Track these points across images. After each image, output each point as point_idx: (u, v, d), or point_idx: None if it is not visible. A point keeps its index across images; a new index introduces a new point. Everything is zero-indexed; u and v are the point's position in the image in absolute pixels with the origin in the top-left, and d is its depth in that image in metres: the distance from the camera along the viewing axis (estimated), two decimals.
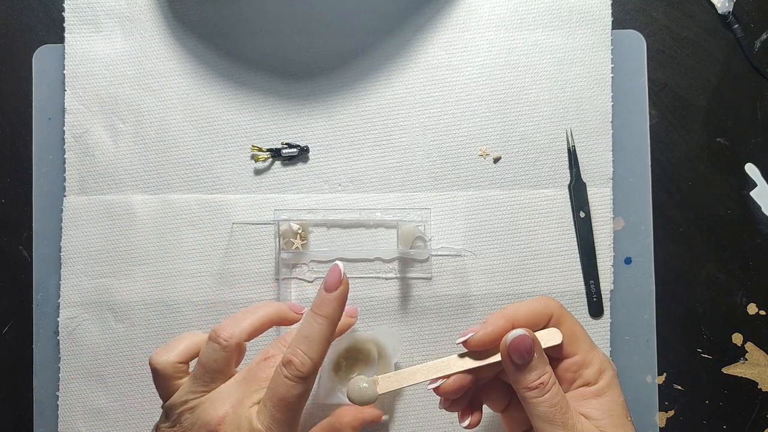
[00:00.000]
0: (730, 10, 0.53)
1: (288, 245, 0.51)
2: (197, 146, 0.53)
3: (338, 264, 0.40)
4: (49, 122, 0.53)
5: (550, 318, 0.40)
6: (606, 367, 0.40)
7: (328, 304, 0.40)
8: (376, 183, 0.53)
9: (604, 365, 0.40)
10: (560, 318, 0.40)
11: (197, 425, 0.39)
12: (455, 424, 0.51)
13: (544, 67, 0.53)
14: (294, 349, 0.38)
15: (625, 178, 0.53)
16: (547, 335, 0.40)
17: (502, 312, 0.40)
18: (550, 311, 0.40)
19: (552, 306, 0.40)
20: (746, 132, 0.54)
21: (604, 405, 0.39)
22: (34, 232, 0.53)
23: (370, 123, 0.53)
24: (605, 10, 0.53)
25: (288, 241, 0.51)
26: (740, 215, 0.53)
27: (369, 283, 0.52)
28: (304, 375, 0.38)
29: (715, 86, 0.54)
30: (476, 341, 0.39)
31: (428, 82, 0.53)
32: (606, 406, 0.39)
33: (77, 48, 0.53)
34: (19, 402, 0.53)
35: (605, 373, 0.40)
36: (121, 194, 0.53)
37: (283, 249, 0.51)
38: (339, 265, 0.40)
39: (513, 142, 0.53)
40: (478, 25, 0.53)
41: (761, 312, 0.53)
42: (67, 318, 0.52)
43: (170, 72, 0.53)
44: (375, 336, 0.49)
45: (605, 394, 0.39)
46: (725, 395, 0.53)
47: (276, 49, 0.53)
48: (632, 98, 0.53)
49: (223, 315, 0.52)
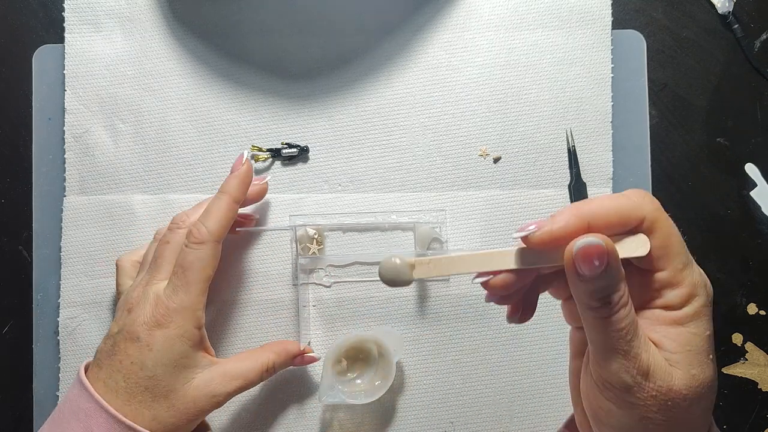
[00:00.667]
0: (730, 10, 0.53)
1: (305, 250, 0.51)
2: (197, 146, 0.53)
3: (244, 153, 0.48)
4: (49, 122, 0.53)
5: (641, 222, 0.31)
6: (698, 293, 0.32)
7: (230, 182, 0.46)
8: (376, 183, 0.53)
9: (697, 290, 0.32)
10: (654, 224, 0.31)
11: (121, 309, 0.44)
12: (455, 423, 0.51)
13: (544, 67, 0.53)
14: (194, 222, 0.44)
15: (625, 178, 0.53)
16: (629, 243, 0.31)
17: (577, 207, 0.31)
18: (640, 215, 0.31)
19: (645, 207, 0.31)
20: (746, 132, 0.54)
21: (683, 337, 0.31)
22: (34, 232, 0.53)
23: (370, 123, 0.53)
24: (605, 10, 0.53)
25: (305, 246, 0.51)
26: (740, 215, 0.53)
27: (365, 284, 0.52)
28: (199, 240, 0.43)
29: (715, 86, 0.54)
30: (538, 239, 0.31)
31: (428, 82, 0.53)
32: (685, 338, 0.31)
33: (77, 48, 0.53)
34: (19, 402, 0.53)
35: (695, 299, 0.31)
36: (121, 194, 0.53)
37: (300, 254, 0.51)
38: (244, 153, 0.47)
39: (513, 142, 0.53)
40: (478, 25, 0.53)
41: (761, 312, 0.53)
42: (67, 318, 0.52)
43: (170, 72, 0.53)
44: (376, 335, 0.49)
45: (688, 324, 0.31)
46: (725, 395, 0.53)
47: (276, 49, 0.53)
48: (632, 98, 0.53)
49: (223, 314, 0.52)
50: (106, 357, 0.42)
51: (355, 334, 0.49)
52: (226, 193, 0.45)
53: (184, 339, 0.42)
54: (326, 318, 0.52)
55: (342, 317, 0.52)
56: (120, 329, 0.42)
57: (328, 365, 0.49)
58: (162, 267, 0.44)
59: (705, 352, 0.31)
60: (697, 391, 0.31)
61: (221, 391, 0.43)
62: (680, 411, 0.31)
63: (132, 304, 0.43)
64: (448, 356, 0.52)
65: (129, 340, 0.41)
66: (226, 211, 0.44)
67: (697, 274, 0.32)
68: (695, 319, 0.31)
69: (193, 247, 0.43)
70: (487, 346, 0.52)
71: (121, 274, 0.48)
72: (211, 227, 0.43)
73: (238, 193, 0.45)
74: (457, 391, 0.51)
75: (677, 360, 0.31)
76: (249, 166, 0.47)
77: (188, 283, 0.42)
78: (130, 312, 0.42)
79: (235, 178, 0.46)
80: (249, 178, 0.46)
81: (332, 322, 0.52)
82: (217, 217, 0.44)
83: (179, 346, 0.42)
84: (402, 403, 0.52)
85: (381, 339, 0.49)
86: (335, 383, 0.49)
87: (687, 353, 0.31)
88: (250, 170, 0.47)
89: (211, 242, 0.43)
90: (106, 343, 0.43)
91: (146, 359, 0.41)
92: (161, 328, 0.41)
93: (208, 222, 0.44)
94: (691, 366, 0.31)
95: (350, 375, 0.50)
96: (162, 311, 0.42)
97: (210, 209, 0.44)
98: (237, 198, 0.45)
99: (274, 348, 0.48)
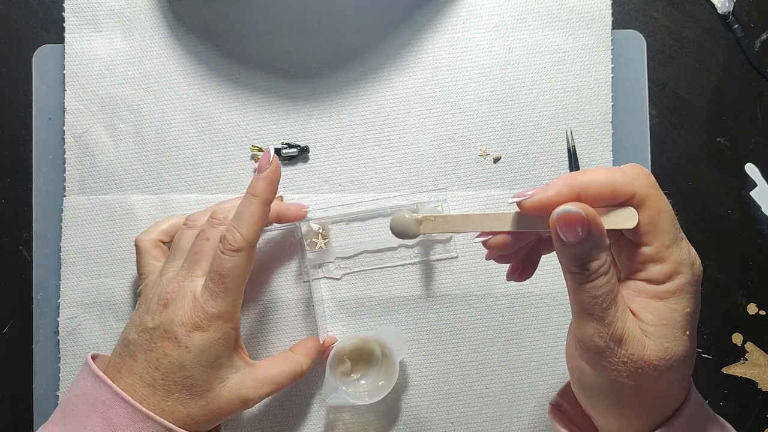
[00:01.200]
0: (730, 10, 0.53)
1: (312, 246, 0.52)
2: (197, 146, 0.53)
3: (269, 149, 0.44)
4: (49, 122, 0.53)
5: (631, 196, 0.32)
6: (682, 271, 0.33)
7: (258, 183, 0.43)
8: (376, 183, 0.53)
9: (681, 268, 0.33)
10: (644, 199, 0.32)
11: (155, 299, 0.43)
12: (455, 423, 0.51)
13: (544, 67, 0.53)
14: (228, 226, 0.43)
15: None
16: (617, 215, 0.33)
17: (570, 177, 0.33)
18: (631, 190, 0.32)
19: (637, 183, 0.32)
20: (746, 132, 0.54)
21: (661, 311, 0.33)
22: (34, 232, 0.53)
23: (370, 123, 0.53)
24: (605, 10, 0.53)
25: (311, 242, 0.52)
26: (740, 215, 0.53)
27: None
28: (235, 248, 0.42)
29: (715, 86, 0.54)
30: (529, 205, 0.33)
31: (428, 82, 0.53)
32: (663, 312, 0.33)
33: (77, 48, 0.53)
34: (19, 402, 0.53)
35: (678, 276, 0.33)
36: (121, 194, 0.53)
37: (307, 250, 0.52)
38: (270, 150, 0.44)
39: (513, 142, 0.53)
40: (478, 25, 0.53)
41: (761, 312, 0.53)
42: (67, 318, 0.52)
43: (170, 72, 0.53)
44: (378, 336, 0.49)
45: (668, 300, 0.33)
46: (725, 395, 0.53)
47: (276, 49, 0.53)
48: (632, 98, 0.53)
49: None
50: (143, 351, 0.41)
51: (358, 335, 0.49)
52: (256, 195, 0.43)
53: (221, 341, 0.42)
54: (337, 311, 0.52)
55: (353, 310, 0.52)
56: (157, 326, 0.41)
57: (332, 366, 0.49)
58: (200, 263, 0.43)
59: (681, 328, 0.33)
60: (668, 363, 0.32)
61: (253, 395, 0.43)
62: (650, 379, 0.33)
63: (168, 299, 0.42)
64: (448, 356, 0.52)
65: (167, 339, 0.41)
66: (259, 216, 0.43)
67: (685, 253, 0.33)
68: (676, 296, 0.33)
69: (229, 254, 0.42)
70: (487, 347, 0.52)
71: (143, 254, 0.47)
72: (246, 233, 0.42)
73: (268, 194, 0.44)
74: (458, 390, 0.52)
75: (652, 332, 0.32)
76: (277, 164, 0.44)
77: (226, 290, 0.41)
78: (167, 307, 0.42)
79: (264, 179, 0.43)
80: (277, 177, 0.44)
81: (343, 314, 0.52)
82: (250, 223, 0.43)
83: (217, 348, 0.42)
84: (403, 403, 0.52)
85: (384, 339, 0.49)
86: (339, 384, 0.49)
87: (663, 327, 0.32)
88: (278, 169, 0.44)
89: (246, 249, 0.42)
90: (141, 336, 0.42)
91: (185, 360, 0.41)
92: (200, 331, 0.41)
93: (242, 228, 0.42)
94: (665, 339, 0.32)
95: (354, 376, 0.50)
96: (201, 314, 0.41)
97: (242, 214, 0.43)
98: (268, 200, 0.44)
99: (303, 351, 0.48)
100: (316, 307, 0.51)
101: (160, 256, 0.47)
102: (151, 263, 0.47)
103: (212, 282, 0.42)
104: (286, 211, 0.50)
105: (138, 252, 0.48)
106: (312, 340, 0.50)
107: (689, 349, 0.33)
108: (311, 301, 0.52)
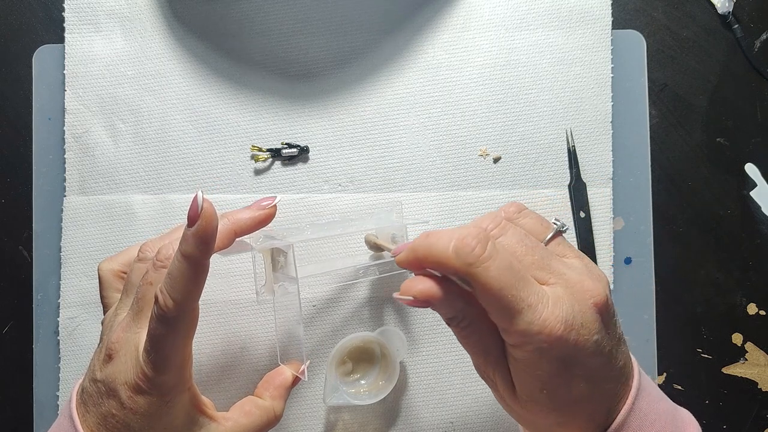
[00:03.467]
0: (730, 10, 0.53)
1: (275, 265, 0.45)
2: (197, 146, 0.53)
3: (197, 194, 0.34)
4: (49, 122, 0.53)
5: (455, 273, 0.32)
6: (529, 341, 0.32)
7: (188, 241, 0.34)
8: (376, 183, 0.53)
9: (527, 338, 0.32)
10: (468, 276, 0.32)
11: (103, 346, 0.38)
12: (455, 424, 0.51)
13: (544, 67, 0.53)
14: (161, 288, 0.35)
15: (625, 178, 0.53)
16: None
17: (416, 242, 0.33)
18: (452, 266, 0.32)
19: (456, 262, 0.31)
20: (746, 132, 0.54)
21: (518, 371, 0.34)
22: (34, 232, 0.53)
23: (370, 123, 0.53)
24: (605, 10, 0.53)
25: (275, 261, 0.45)
26: (740, 215, 0.53)
27: (366, 285, 0.52)
28: (166, 315, 0.34)
29: (715, 86, 0.54)
30: (397, 262, 0.35)
31: (428, 82, 0.53)
32: (518, 372, 0.34)
33: (77, 48, 0.53)
34: (19, 402, 0.53)
35: (525, 346, 0.32)
36: (121, 194, 0.53)
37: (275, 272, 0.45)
38: (198, 196, 0.34)
39: (513, 142, 0.53)
40: (478, 25, 0.53)
41: (761, 312, 0.53)
42: (67, 318, 0.52)
43: (170, 72, 0.53)
44: (379, 336, 0.49)
45: (520, 361, 0.33)
46: (725, 395, 0.53)
47: (276, 49, 0.53)
48: (632, 98, 0.53)
49: (224, 315, 0.52)
50: (93, 404, 0.37)
51: (359, 335, 0.49)
52: (186, 257, 0.35)
53: (171, 405, 0.36)
54: (324, 320, 0.52)
55: (336, 318, 0.52)
56: (102, 380, 0.37)
57: (332, 366, 0.49)
58: (144, 312, 0.37)
59: (537, 388, 0.33)
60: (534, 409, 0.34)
61: None
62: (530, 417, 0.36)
63: (112, 351, 0.37)
64: (448, 357, 0.52)
65: (112, 397, 0.36)
66: (194, 277, 0.35)
67: (528, 322, 0.31)
68: (524, 363, 0.33)
69: (160, 321, 0.35)
70: None
71: (103, 286, 0.42)
72: (180, 299, 0.35)
73: (200, 253, 0.35)
74: (458, 391, 0.51)
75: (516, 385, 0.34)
76: (208, 216, 0.34)
77: (166, 357, 0.35)
78: (111, 360, 0.37)
79: (193, 237, 0.34)
80: (210, 232, 0.34)
81: (331, 324, 0.52)
82: (182, 286, 0.35)
83: (167, 412, 0.36)
84: (403, 404, 0.52)
85: (384, 339, 0.49)
86: (339, 384, 0.49)
87: (520, 384, 0.34)
88: (210, 222, 0.34)
89: (182, 315, 0.35)
90: (91, 385, 0.37)
91: (132, 423, 0.36)
92: (144, 395, 0.36)
93: (175, 293, 0.35)
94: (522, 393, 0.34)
95: (354, 376, 0.50)
96: (142, 377, 0.35)
97: (173, 275, 0.35)
98: (201, 260, 0.35)
99: (272, 392, 0.43)
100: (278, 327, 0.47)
101: (121, 287, 0.42)
102: (113, 295, 0.42)
103: (149, 346, 0.35)
104: (242, 227, 0.41)
105: (99, 282, 0.43)
106: (278, 375, 0.44)
107: (549, 405, 0.34)
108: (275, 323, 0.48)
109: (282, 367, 0.45)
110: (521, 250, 0.34)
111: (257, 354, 0.51)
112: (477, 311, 0.33)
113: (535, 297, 0.32)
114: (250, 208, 0.42)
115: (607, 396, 0.34)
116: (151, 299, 0.36)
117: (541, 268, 0.34)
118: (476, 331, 0.34)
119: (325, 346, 0.52)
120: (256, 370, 0.51)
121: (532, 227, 0.37)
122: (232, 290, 0.52)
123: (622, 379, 0.35)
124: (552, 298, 0.32)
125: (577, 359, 0.32)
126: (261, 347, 0.51)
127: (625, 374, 0.35)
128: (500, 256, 0.32)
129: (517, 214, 0.37)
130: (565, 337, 0.31)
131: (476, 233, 0.32)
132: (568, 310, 0.32)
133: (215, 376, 0.51)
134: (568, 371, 0.33)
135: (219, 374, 0.51)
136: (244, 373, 0.51)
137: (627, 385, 0.35)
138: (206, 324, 0.51)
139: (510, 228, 0.34)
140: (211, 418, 0.39)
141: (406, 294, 0.33)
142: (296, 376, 0.44)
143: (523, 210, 0.37)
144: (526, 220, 0.37)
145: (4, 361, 0.53)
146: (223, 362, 0.51)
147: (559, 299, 0.32)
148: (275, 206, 0.42)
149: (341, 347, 0.49)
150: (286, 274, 0.44)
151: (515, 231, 0.34)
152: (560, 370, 0.33)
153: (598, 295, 0.33)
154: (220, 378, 0.51)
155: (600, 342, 0.33)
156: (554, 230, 0.37)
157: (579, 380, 0.33)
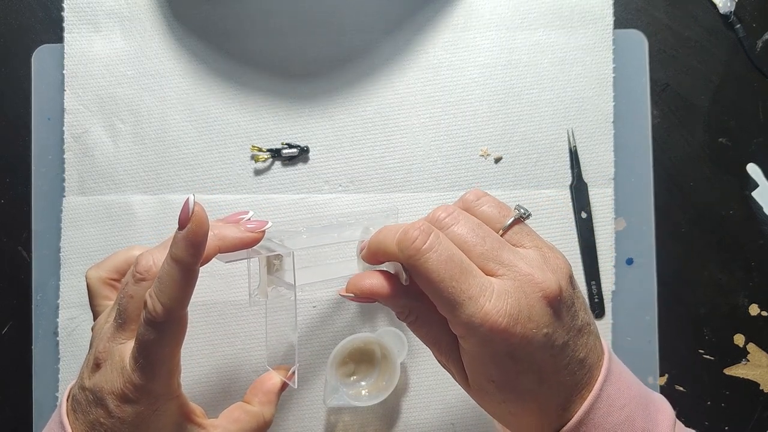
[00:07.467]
0: (731, 10, 0.53)
1: (271, 267, 0.45)
2: (197, 146, 0.53)
3: (189, 198, 0.34)
4: (49, 122, 0.53)
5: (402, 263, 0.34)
6: (469, 333, 0.32)
7: (178, 245, 0.34)
8: (376, 183, 0.53)
9: (468, 330, 0.32)
10: (411, 268, 0.33)
11: (92, 354, 0.37)
12: (456, 425, 0.51)
13: (545, 67, 0.53)
14: (150, 293, 0.35)
15: (626, 178, 0.52)
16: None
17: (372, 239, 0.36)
18: (397, 259, 0.34)
19: (401, 255, 0.33)
20: (748, 132, 0.53)
21: (467, 360, 0.34)
22: (34, 233, 0.53)
23: (371, 123, 0.53)
24: (607, 10, 0.53)
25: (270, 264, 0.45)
26: (742, 216, 0.53)
27: None
28: (155, 320, 0.34)
29: (716, 86, 0.54)
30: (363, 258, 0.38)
31: (429, 82, 0.53)
32: (467, 361, 0.34)
33: (76, 48, 0.53)
34: (19, 402, 0.53)
35: (467, 338, 0.33)
36: (121, 194, 0.53)
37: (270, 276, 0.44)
38: (189, 199, 0.34)
39: (514, 142, 0.52)
40: (479, 24, 0.53)
41: (763, 313, 0.53)
42: (67, 319, 0.52)
43: (170, 72, 0.53)
44: (379, 337, 0.49)
45: (466, 352, 0.34)
46: (727, 396, 0.52)
47: (276, 49, 0.53)
48: (634, 98, 0.53)
49: (225, 315, 0.52)
50: (82, 411, 0.36)
51: (359, 336, 0.49)
52: (176, 261, 0.34)
53: (159, 414, 0.36)
54: (324, 321, 0.52)
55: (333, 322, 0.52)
56: (90, 388, 0.36)
57: (332, 368, 0.48)
58: (127, 323, 0.36)
59: (484, 377, 0.34)
60: (485, 398, 0.35)
61: None
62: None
63: (99, 360, 0.36)
64: None
65: (100, 406, 0.36)
66: (183, 281, 0.34)
67: (469, 314, 0.32)
68: (473, 354, 0.33)
69: (149, 326, 0.35)
70: None
71: (92, 295, 0.42)
72: (169, 304, 0.34)
73: (190, 258, 0.34)
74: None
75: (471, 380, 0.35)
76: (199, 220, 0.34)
77: (153, 363, 0.35)
78: (99, 369, 0.36)
79: (183, 240, 0.34)
80: (200, 236, 0.34)
81: (331, 325, 0.52)
82: (172, 291, 0.34)
83: (156, 421, 0.36)
84: (403, 405, 0.51)
85: (384, 340, 0.49)
86: (340, 386, 0.48)
87: (470, 372, 0.34)
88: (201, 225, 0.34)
89: (171, 320, 0.35)
90: (80, 393, 0.37)
91: (120, 431, 0.36)
92: (131, 404, 0.35)
93: (164, 297, 0.34)
94: (474, 381, 0.35)
95: (354, 377, 0.50)
96: (129, 386, 0.35)
97: (163, 280, 0.34)
98: (191, 264, 0.34)
99: (261, 398, 0.43)
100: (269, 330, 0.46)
101: (111, 295, 0.41)
102: (102, 303, 0.41)
103: (137, 352, 0.35)
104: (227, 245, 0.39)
105: (87, 290, 0.42)
106: (267, 380, 0.43)
107: (498, 396, 0.34)
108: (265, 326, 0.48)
109: (271, 372, 0.44)
110: (471, 240, 0.33)
111: (248, 358, 0.51)
112: (427, 303, 0.34)
113: (478, 289, 0.32)
114: (237, 226, 0.40)
115: (562, 387, 0.34)
116: (132, 312, 0.36)
117: (490, 259, 0.33)
118: (425, 323, 0.35)
119: (326, 347, 0.51)
120: (247, 375, 0.51)
121: (489, 215, 0.36)
122: (223, 291, 0.52)
123: (584, 369, 0.34)
124: (497, 290, 0.32)
125: (525, 352, 0.32)
126: (252, 352, 0.51)
127: (588, 364, 0.34)
128: (441, 247, 0.32)
129: (476, 202, 0.36)
130: (509, 330, 0.31)
131: (421, 225, 0.32)
132: (513, 303, 0.32)
133: (204, 381, 0.51)
134: (515, 364, 0.32)
135: (208, 379, 0.51)
136: (234, 377, 0.51)
137: (592, 374, 0.34)
138: (195, 328, 0.51)
139: (462, 218, 0.34)
140: (199, 425, 0.39)
141: (351, 290, 0.35)
142: (284, 381, 0.44)
143: (483, 197, 0.36)
144: (483, 209, 0.36)
145: (3, 362, 0.53)
146: (213, 367, 0.51)
147: (505, 292, 0.32)
148: (263, 232, 0.41)
149: (342, 348, 0.49)
150: (282, 278, 0.43)
151: (467, 221, 0.34)
152: (506, 362, 0.32)
153: (548, 288, 0.32)
154: (209, 382, 0.51)
155: (551, 335, 0.32)
156: (512, 218, 0.35)
157: (527, 373, 0.33)
